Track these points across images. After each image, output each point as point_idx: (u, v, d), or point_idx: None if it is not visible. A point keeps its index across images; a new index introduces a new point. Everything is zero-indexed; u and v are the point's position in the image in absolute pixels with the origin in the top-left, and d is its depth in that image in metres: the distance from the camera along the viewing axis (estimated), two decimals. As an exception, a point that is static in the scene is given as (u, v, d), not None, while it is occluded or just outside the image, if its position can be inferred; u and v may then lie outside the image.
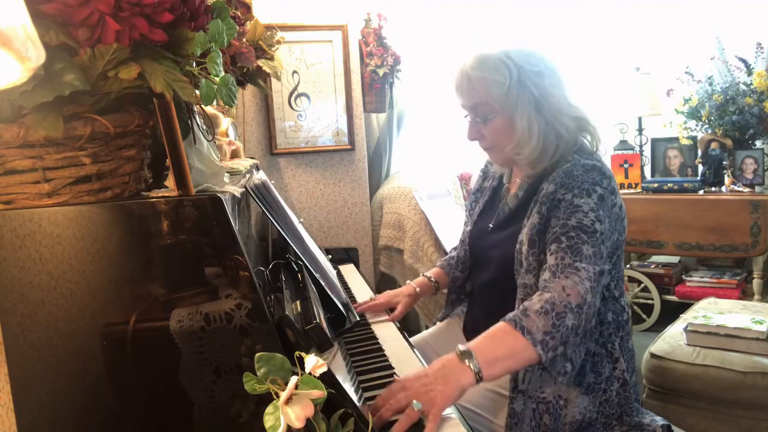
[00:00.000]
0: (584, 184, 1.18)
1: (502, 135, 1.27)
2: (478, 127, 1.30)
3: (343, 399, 0.84)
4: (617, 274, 1.28)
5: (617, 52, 3.44)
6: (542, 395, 1.20)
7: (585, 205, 1.16)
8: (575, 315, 1.08)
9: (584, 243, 1.13)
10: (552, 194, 1.20)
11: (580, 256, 1.12)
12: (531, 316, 1.07)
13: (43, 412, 0.85)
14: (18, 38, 0.48)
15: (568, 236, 1.14)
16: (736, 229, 2.79)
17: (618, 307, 1.28)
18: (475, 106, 1.28)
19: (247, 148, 2.61)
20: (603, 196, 1.18)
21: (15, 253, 0.82)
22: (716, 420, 1.78)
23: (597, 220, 1.15)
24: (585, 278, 1.10)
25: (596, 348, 1.23)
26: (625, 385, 1.24)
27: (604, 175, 1.21)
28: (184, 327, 0.85)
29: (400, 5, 2.97)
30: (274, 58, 1.35)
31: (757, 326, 1.79)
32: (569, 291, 1.09)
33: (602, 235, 1.15)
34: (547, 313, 1.07)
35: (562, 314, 1.07)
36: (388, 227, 2.76)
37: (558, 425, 1.20)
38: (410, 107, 3.14)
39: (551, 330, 1.06)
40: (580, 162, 1.22)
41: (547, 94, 1.24)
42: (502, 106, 1.24)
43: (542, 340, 1.05)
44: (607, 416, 1.23)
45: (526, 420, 1.21)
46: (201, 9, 0.82)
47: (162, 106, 0.83)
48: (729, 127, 2.90)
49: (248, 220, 1.17)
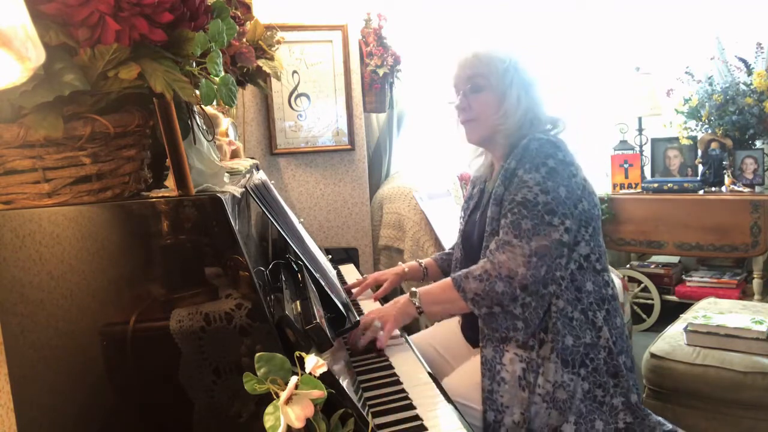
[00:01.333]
0: (536, 158, 1.30)
1: (489, 107, 1.41)
2: (468, 99, 1.43)
3: (343, 399, 0.84)
4: (597, 247, 1.35)
5: (617, 52, 3.44)
6: (527, 354, 1.29)
7: (531, 180, 1.29)
8: (505, 284, 1.26)
9: (524, 218, 1.27)
10: (513, 170, 1.34)
11: (519, 231, 1.27)
12: (469, 279, 1.30)
13: (43, 412, 0.85)
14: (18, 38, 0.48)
15: (512, 212, 1.29)
16: (736, 229, 2.79)
17: (600, 280, 1.35)
18: (472, 76, 1.42)
19: (247, 148, 2.61)
20: (554, 168, 1.29)
21: (15, 253, 0.82)
22: (716, 420, 1.78)
23: (541, 192, 1.27)
24: (519, 254, 1.26)
25: (575, 314, 1.29)
26: (611, 353, 1.28)
27: (559, 148, 1.32)
28: (184, 327, 0.85)
29: (400, 5, 2.97)
30: (274, 58, 1.35)
31: (757, 326, 1.79)
32: (503, 265, 1.26)
33: (547, 205, 1.26)
34: (481, 280, 1.28)
35: (492, 282, 1.27)
36: (388, 227, 2.76)
37: (544, 383, 1.25)
38: (410, 107, 3.14)
39: (481, 293, 1.28)
40: (536, 137, 1.35)
41: (535, 82, 1.42)
42: (497, 81, 1.39)
43: (473, 299, 1.29)
44: (601, 386, 1.26)
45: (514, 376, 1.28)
46: (201, 9, 0.82)
47: (162, 106, 0.83)
48: (729, 127, 2.90)
49: (248, 220, 1.17)
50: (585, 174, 1.37)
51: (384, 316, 1.36)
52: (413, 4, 3.06)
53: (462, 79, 1.43)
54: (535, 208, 1.26)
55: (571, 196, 1.28)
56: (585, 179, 1.35)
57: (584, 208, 1.32)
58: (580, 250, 1.32)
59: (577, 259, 1.32)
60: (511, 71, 1.38)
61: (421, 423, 1.01)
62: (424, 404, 1.08)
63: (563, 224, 1.26)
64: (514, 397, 1.27)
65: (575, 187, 1.30)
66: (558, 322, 1.27)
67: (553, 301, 1.29)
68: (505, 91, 1.38)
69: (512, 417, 1.25)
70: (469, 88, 1.42)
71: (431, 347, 1.59)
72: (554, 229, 1.25)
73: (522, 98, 1.38)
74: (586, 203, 1.33)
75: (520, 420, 1.25)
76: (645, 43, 3.37)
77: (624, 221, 3.10)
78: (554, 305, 1.28)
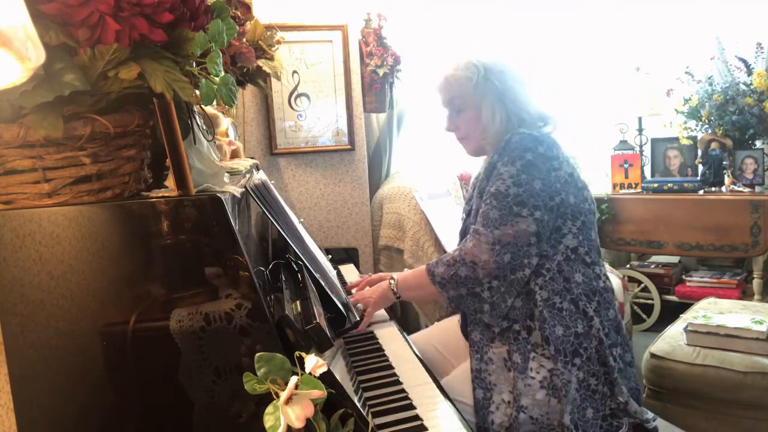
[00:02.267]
0: (515, 151, 1.34)
1: (472, 124, 1.47)
2: (454, 120, 1.51)
3: (343, 399, 0.84)
4: (587, 241, 1.38)
5: (617, 52, 3.44)
6: (514, 341, 1.32)
7: (506, 173, 1.34)
8: (468, 269, 1.33)
9: (493, 208, 1.33)
10: (494, 164, 1.39)
11: (487, 221, 1.33)
12: (439, 264, 1.39)
13: (43, 412, 0.85)
14: (18, 38, 0.48)
15: (485, 203, 1.35)
16: (736, 229, 2.79)
17: (590, 272, 1.37)
18: (451, 100, 1.50)
19: (247, 148, 2.61)
20: (531, 162, 1.33)
21: (15, 253, 0.82)
22: (716, 420, 1.78)
23: (513, 184, 1.32)
24: (483, 242, 1.32)
25: (564, 304, 1.32)
26: (601, 343, 1.30)
27: (540, 142, 1.35)
28: (184, 327, 0.85)
29: (400, 5, 2.97)
30: (274, 58, 1.35)
31: (757, 326, 1.79)
32: (468, 251, 1.34)
33: (518, 197, 1.31)
34: (449, 265, 1.37)
35: (457, 267, 1.35)
36: (388, 227, 2.76)
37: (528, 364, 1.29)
38: (410, 107, 3.13)
39: (447, 277, 1.36)
40: (519, 131, 1.39)
41: (509, 87, 1.44)
42: (472, 98, 1.45)
43: (440, 282, 1.38)
44: (595, 375, 1.28)
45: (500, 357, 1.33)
46: (201, 9, 0.81)
47: (162, 106, 0.83)
48: (729, 127, 2.90)
49: (248, 220, 1.17)
50: (576, 170, 1.40)
51: (365, 300, 1.51)
52: (413, 4, 3.06)
53: (444, 103, 1.52)
54: (505, 200, 1.31)
55: (546, 188, 1.32)
56: (571, 174, 1.38)
57: (569, 201, 1.35)
58: (567, 242, 1.36)
59: (563, 251, 1.35)
60: (480, 85, 1.43)
61: (421, 423, 1.01)
62: (424, 404, 1.08)
63: (532, 215, 1.30)
64: (501, 376, 1.31)
65: (554, 181, 1.33)
66: (544, 310, 1.30)
67: (537, 290, 1.32)
68: (480, 105, 1.44)
69: (501, 395, 1.29)
70: (452, 110, 1.50)
71: (431, 346, 1.59)
72: (522, 220, 1.30)
73: (496, 108, 1.43)
74: (572, 197, 1.36)
75: (510, 399, 1.28)
76: (645, 43, 3.37)
77: (624, 221, 3.10)
78: (538, 294, 1.32)
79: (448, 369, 1.49)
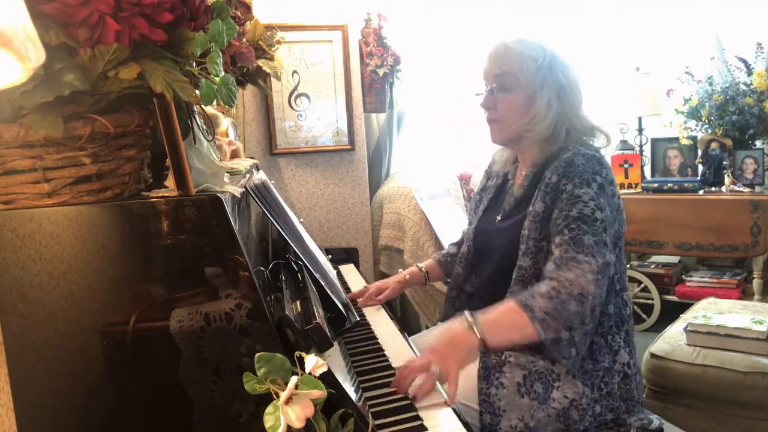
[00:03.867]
0: (585, 173, 1.22)
1: (516, 110, 1.32)
2: (494, 98, 1.34)
3: (343, 399, 0.84)
4: (620, 267, 1.31)
5: (617, 52, 3.44)
6: (534, 367, 1.24)
7: (585, 195, 1.21)
8: (578, 302, 1.14)
9: (585, 233, 1.18)
10: (555, 184, 1.25)
11: (582, 248, 1.17)
12: (536, 297, 1.16)
13: (43, 412, 0.85)
14: (18, 38, 0.48)
15: (570, 228, 1.19)
16: (736, 229, 2.78)
17: (620, 301, 1.30)
18: (501, 74, 1.32)
19: (247, 148, 2.61)
20: (603, 185, 1.23)
21: (15, 253, 0.82)
22: (716, 420, 1.78)
23: (597, 208, 1.20)
24: (588, 270, 1.16)
25: (596, 337, 1.26)
26: (626, 378, 1.26)
27: (603, 165, 1.26)
28: (184, 327, 0.85)
29: (400, 5, 2.97)
30: (274, 58, 1.35)
31: (757, 326, 1.79)
32: (573, 282, 1.15)
33: (603, 223, 1.20)
34: (551, 297, 1.15)
35: (566, 300, 1.14)
36: (388, 227, 2.76)
37: (548, 392, 1.21)
38: (410, 107, 3.14)
39: (552, 312, 1.14)
40: (580, 151, 1.26)
41: (572, 85, 1.32)
42: (528, 82, 1.30)
43: (542, 319, 1.14)
44: (612, 410, 1.25)
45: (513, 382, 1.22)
46: (201, 9, 0.81)
47: (162, 106, 0.83)
48: (729, 127, 2.90)
49: (248, 220, 1.17)
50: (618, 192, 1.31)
51: (444, 358, 1.12)
52: (413, 4, 3.06)
53: (490, 74, 1.34)
54: (594, 224, 1.18)
55: (611, 216, 1.24)
56: (620, 197, 1.29)
57: (616, 228, 1.27)
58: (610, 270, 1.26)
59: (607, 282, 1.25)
60: (544, 71, 1.29)
61: (421, 423, 1.01)
62: (424, 404, 1.08)
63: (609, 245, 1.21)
64: (512, 403, 1.21)
65: (614, 208, 1.25)
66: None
67: None
68: (535, 92, 1.29)
69: (510, 422, 1.21)
70: (497, 86, 1.33)
71: (431, 347, 1.57)
72: (607, 249, 1.19)
73: (553, 103, 1.29)
74: (617, 223, 1.28)
75: (519, 425, 1.21)
76: (645, 43, 3.37)
77: (624, 221, 3.09)
78: None
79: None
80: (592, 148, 1.30)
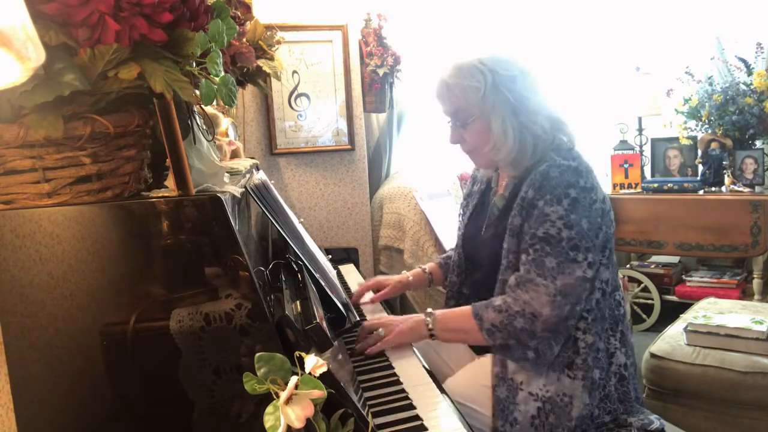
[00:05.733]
0: (557, 189, 1.22)
1: (481, 138, 1.33)
2: (459, 132, 1.36)
3: (343, 399, 0.84)
4: (611, 268, 1.31)
5: (617, 52, 3.44)
6: (547, 394, 1.23)
7: (553, 214, 1.21)
8: (526, 321, 1.21)
9: (547, 255, 1.21)
10: (530, 200, 1.25)
11: (543, 270, 1.21)
12: (488, 309, 1.26)
13: (43, 412, 0.85)
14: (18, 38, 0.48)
15: (534, 248, 1.23)
16: (736, 229, 2.78)
17: (612, 302, 1.31)
18: (455, 112, 1.34)
19: (247, 148, 2.61)
20: (576, 199, 1.21)
21: (15, 253, 0.82)
22: (716, 420, 1.78)
23: (566, 227, 1.20)
24: (543, 293, 1.20)
25: (600, 344, 1.26)
26: (622, 380, 1.26)
27: (580, 174, 1.24)
28: (184, 327, 0.85)
29: (400, 5, 2.97)
30: (274, 58, 1.35)
31: (757, 326, 1.79)
32: (527, 303, 1.21)
33: (572, 241, 1.20)
34: (501, 311, 1.24)
35: (513, 317, 1.22)
36: (388, 227, 2.76)
37: (562, 422, 1.21)
38: (410, 107, 3.14)
39: (498, 324, 1.23)
40: (556, 162, 1.25)
41: (521, 98, 1.29)
42: (480, 111, 1.29)
43: (488, 329, 1.25)
44: (610, 412, 1.25)
45: (527, 417, 1.23)
46: (201, 9, 0.81)
47: (162, 106, 0.83)
48: (729, 127, 2.90)
49: (248, 220, 1.17)
50: (603, 193, 1.29)
51: (390, 326, 1.33)
52: (413, 4, 3.06)
53: (447, 113, 1.36)
54: (559, 245, 1.20)
55: (593, 226, 1.22)
56: (604, 200, 1.28)
57: (607, 233, 1.27)
58: (602, 276, 1.27)
59: (600, 287, 1.27)
60: (489, 96, 1.27)
61: (421, 423, 1.01)
62: (424, 404, 1.08)
63: (586, 259, 1.21)
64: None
65: (596, 215, 1.23)
66: (588, 357, 1.23)
67: (579, 336, 1.24)
68: (489, 118, 1.29)
69: None
70: (456, 122, 1.35)
71: (431, 348, 1.58)
72: (578, 266, 1.20)
73: (508, 122, 1.28)
74: (605, 227, 1.27)
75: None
76: (645, 43, 3.37)
77: (624, 221, 3.09)
78: (582, 341, 1.24)
79: (446, 373, 1.47)
80: (569, 157, 1.27)
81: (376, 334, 1.32)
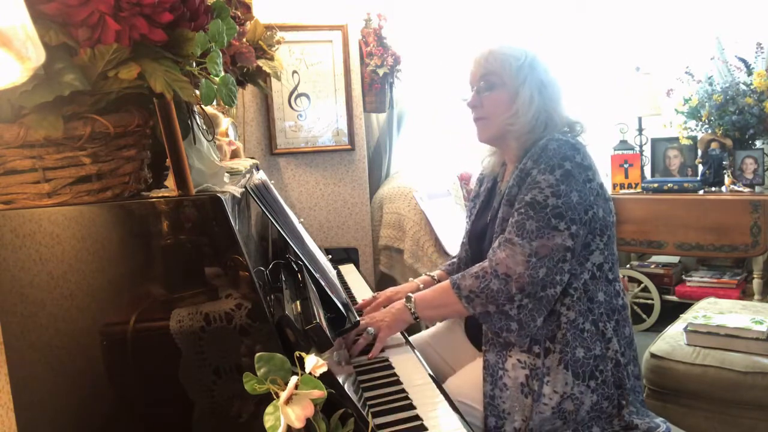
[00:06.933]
0: (553, 159, 1.27)
1: (500, 106, 1.38)
2: (480, 97, 1.41)
3: (343, 399, 0.84)
4: (611, 256, 1.33)
5: (617, 52, 3.44)
6: (534, 363, 1.26)
7: (543, 182, 1.26)
8: (500, 281, 1.24)
9: (529, 218, 1.25)
10: (528, 170, 1.30)
11: (522, 232, 1.25)
12: (466, 277, 1.30)
13: (43, 412, 0.85)
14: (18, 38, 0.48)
15: (519, 212, 1.27)
16: (736, 229, 2.78)
17: (611, 290, 1.33)
18: (486, 74, 1.39)
19: (247, 148, 2.61)
20: (570, 171, 1.26)
21: (15, 253, 0.82)
22: (716, 420, 1.78)
23: (552, 195, 1.24)
24: (519, 252, 1.24)
25: (587, 325, 1.28)
26: (618, 366, 1.27)
27: (577, 150, 1.29)
28: (184, 327, 0.85)
29: (400, 5, 2.97)
30: (274, 58, 1.35)
31: (757, 326, 1.79)
32: (500, 262, 1.25)
33: (556, 209, 1.24)
34: (477, 277, 1.28)
35: (488, 279, 1.26)
36: (388, 227, 2.76)
37: (545, 394, 1.23)
38: (410, 107, 3.14)
39: (476, 290, 1.27)
40: (555, 137, 1.31)
41: (551, 82, 1.39)
42: (511, 79, 1.36)
43: (467, 296, 1.28)
44: (608, 398, 1.26)
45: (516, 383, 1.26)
46: (201, 9, 0.81)
47: (162, 106, 0.83)
48: (729, 127, 2.90)
49: (248, 220, 1.17)
50: (601, 179, 1.33)
51: (377, 323, 1.35)
52: (413, 4, 3.06)
53: (476, 76, 1.41)
54: (543, 211, 1.24)
55: (582, 201, 1.25)
56: (601, 185, 1.32)
57: (598, 215, 1.29)
58: (594, 259, 1.30)
59: (590, 269, 1.30)
60: (525, 69, 1.36)
61: (421, 423, 1.01)
62: (424, 404, 1.08)
63: (569, 229, 1.23)
64: (516, 403, 1.25)
65: (588, 193, 1.27)
66: (568, 333, 1.26)
67: (563, 311, 1.27)
68: (518, 89, 1.35)
69: (513, 424, 1.24)
70: (482, 85, 1.39)
71: (431, 348, 1.58)
72: (559, 234, 1.23)
73: (535, 98, 1.35)
74: (601, 210, 1.30)
75: (522, 426, 1.23)
76: (645, 43, 3.37)
77: (624, 221, 3.10)
78: (564, 316, 1.27)
79: (447, 373, 1.47)
80: (568, 136, 1.34)
81: (366, 335, 1.33)
